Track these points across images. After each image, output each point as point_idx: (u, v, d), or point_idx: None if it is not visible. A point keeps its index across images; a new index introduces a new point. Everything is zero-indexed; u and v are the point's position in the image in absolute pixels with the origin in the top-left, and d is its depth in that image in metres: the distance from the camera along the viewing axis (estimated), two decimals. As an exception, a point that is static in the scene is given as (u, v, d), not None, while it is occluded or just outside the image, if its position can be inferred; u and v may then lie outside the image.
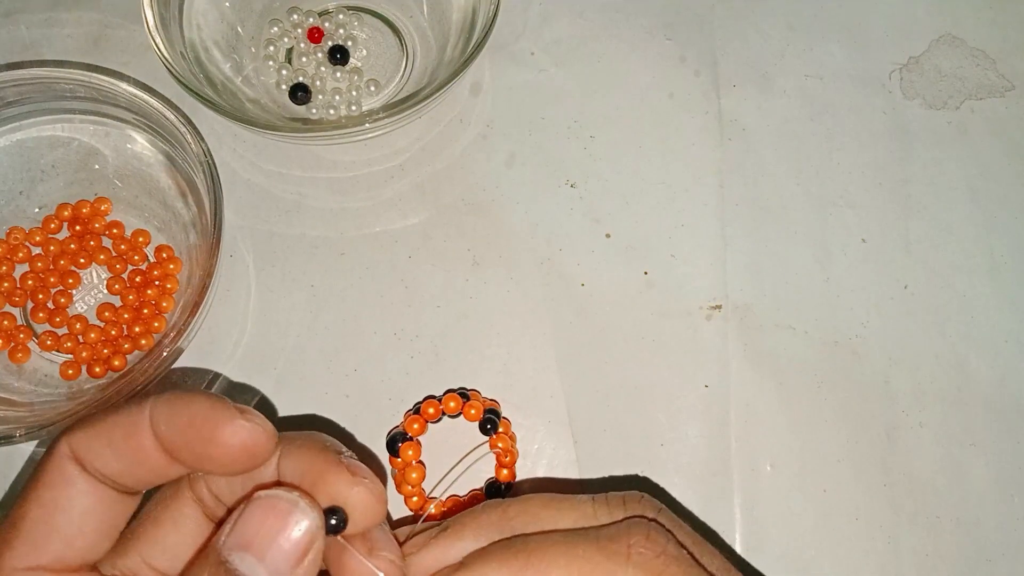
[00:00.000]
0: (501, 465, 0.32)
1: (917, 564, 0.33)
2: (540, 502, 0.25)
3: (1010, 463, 0.34)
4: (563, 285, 0.36)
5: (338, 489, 0.20)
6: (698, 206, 0.38)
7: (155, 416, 0.20)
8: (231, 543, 0.19)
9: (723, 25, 0.41)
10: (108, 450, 0.20)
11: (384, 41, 0.40)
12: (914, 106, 0.40)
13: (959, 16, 0.42)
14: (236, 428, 0.20)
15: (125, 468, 0.20)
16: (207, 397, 0.20)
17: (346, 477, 0.20)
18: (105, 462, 0.20)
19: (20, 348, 0.34)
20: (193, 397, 0.20)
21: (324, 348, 0.35)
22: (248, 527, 0.19)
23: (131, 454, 0.20)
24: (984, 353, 0.36)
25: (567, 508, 0.25)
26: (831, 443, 0.34)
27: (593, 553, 0.22)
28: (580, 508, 0.25)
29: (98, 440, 0.20)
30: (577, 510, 0.24)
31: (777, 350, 0.35)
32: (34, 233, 0.35)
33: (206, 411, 0.20)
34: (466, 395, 0.33)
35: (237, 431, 0.20)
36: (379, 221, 0.37)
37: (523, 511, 0.24)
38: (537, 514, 0.24)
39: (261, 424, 0.20)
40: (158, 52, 0.34)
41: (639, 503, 0.25)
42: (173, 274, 0.35)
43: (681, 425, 0.34)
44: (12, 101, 0.35)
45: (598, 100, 0.39)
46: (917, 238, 0.38)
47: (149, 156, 0.36)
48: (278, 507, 0.19)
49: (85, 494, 0.20)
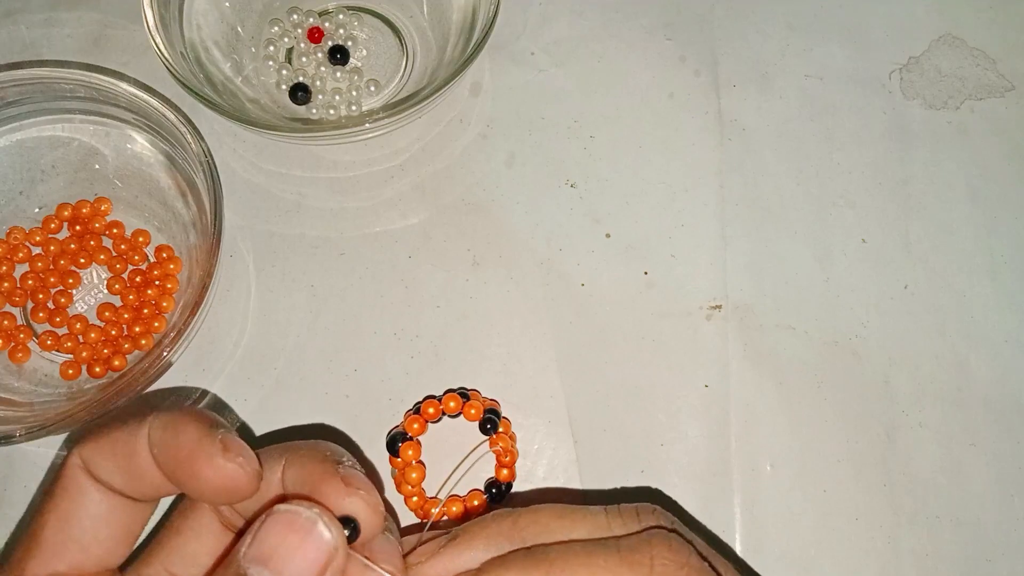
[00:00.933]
0: (501, 465, 0.32)
1: (917, 564, 0.33)
2: (552, 512, 0.24)
3: (1010, 463, 0.34)
4: (563, 285, 0.36)
5: (333, 501, 0.20)
6: (698, 206, 0.38)
7: (151, 437, 0.20)
8: (251, 555, 0.19)
9: (723, 25, 0.41)
10: (111, 463, 0.20)
11: (384, 41, 0.40)
12: (914, 106, 0.40)
13: (959, 16, 0.42)
14: (216, 468, 0.20)
15: (127, 482, 0.21)
16: (197, 427, 0.20)
17: (341, 488, 0.20)
18: (109, 475, 0.20)
19: (20, 348, 0.34)
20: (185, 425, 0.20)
21: (324, 348, 0.35)
22: (268, 541, 0.19)
23: (132, 470, 0.20)
24: (984, 353, 0.36)
25: (580, 519, 0.24)
26: (831, 443, 0.34)
27: (615, 564, 0.22)
28: (593, 519, 0.24)
29: (101, 453, 0.20)
30: (590, 521, 0.24)
31: (777, 350, 0.35)
32: (34, 233, 0.35)
33: (192, 444, 0.20)
34: (466, 395, 0.33)
35: (217, 471, 0.20)
36: (379, 221, 0.37)
37: (534, 521, 0.24)
38: (548, 524, 0.24)
39: (243, 464, 0.20)
40: (158, 52, 0.34)
41: (652, 515, 0.24)
42: (173, 274, 0.35)
43: (681, 425, 0.34)
44: (12, 101, 0.35)
45: (598, 100, 0.39)
46: (917, 238, 0.38)
47: (149, 156, 0.36)
48: (297, 522, 0.19)
49: (98, 503, 0.21)
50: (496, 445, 0.32)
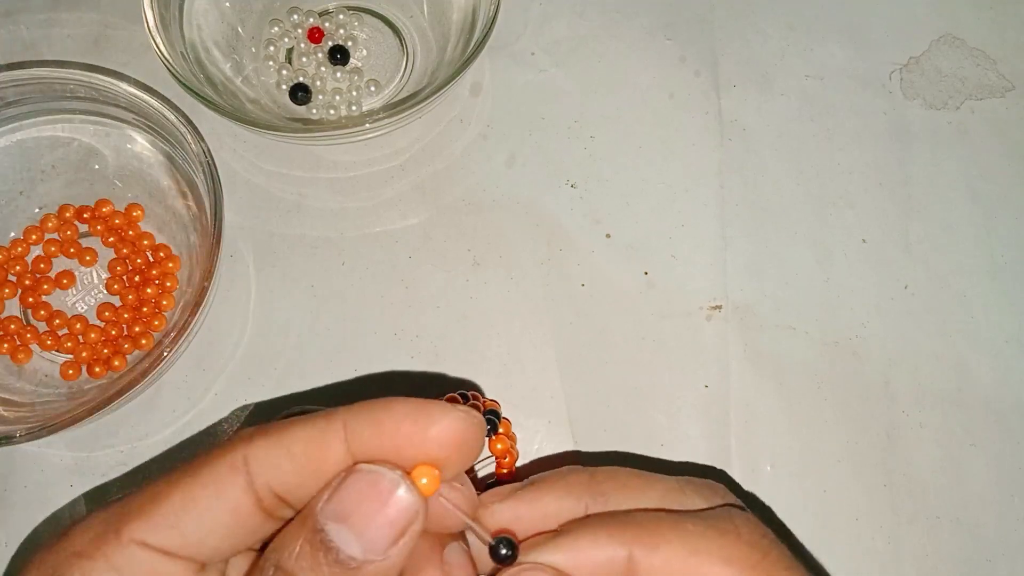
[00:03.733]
0: (501, 466, 0.32)
1: (917, 564, 0.33)
2: (628, 472, 0.24)
3: (1010, 463, 0.34)
4: (563, 285, 0.36)
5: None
6: (698, 206, 0.38)
7: (353, 425, 0.20)
8: (329, 511, 0.19)
9: (723, 25, 0.41)
10: (286, 460, 0.20)
11: (384, 41, 0.40)
12: (914, 106, 0.40)
13: (959, 16, 0.42)
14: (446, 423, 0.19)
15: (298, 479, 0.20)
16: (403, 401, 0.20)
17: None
18: (279, 473, 0.20)
19: (21, 349, 0.34)
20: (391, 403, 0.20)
21: (324, 348, 0.35)
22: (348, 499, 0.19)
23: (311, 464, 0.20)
24: (984, 353, 0.36)
25: (655, 482, 0.24)
26: (831, 443, 0.34)
27: (704, 529, 0.22)
28: (666, 485, 0.24)
29: (278, 450, 0.20)
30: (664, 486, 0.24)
31: (777, 350, 0.35)
32: (31, 232, 0.35)
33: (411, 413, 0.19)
34: (466, 396, 0.33)
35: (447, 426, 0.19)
36: (379, 221, 0.37)
37: (611, 477, 0.24)
38: (626, 483, 0.24)
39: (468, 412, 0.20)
40: (158, 52, 0.34)
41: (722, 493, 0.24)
42: (172, 272, 0.35)
43: (681, 425, 0.34)
44: (12, 101, 0.35)
45: (598, 100, 0.39)
46: (917, 238, 0.38)
47: (149, 156, 0.36)
48: (381, 484, 0.19)
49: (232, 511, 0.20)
50: (496, 447, 0.32)
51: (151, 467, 0.33)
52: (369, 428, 0.19)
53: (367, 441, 0.19)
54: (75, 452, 0.33)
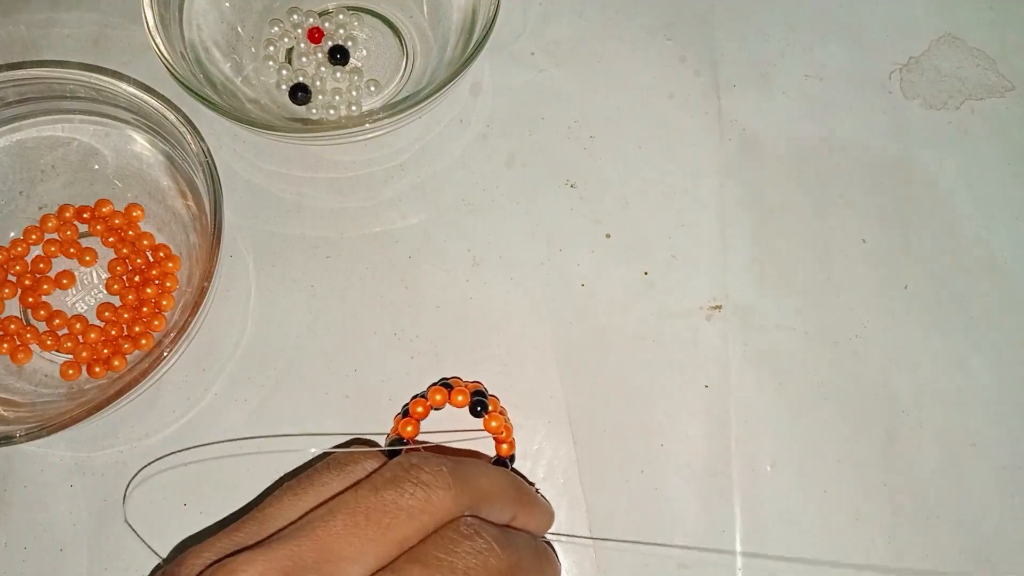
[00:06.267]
0: (499, 441, 0.32)
1: (917, 564, 0.33)
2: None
3: (1010, 463, 0.34)
4: (563, 285, 0.36)
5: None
6: (698, 206, 0.38)
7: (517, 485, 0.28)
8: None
9: (723, 25, 0.41)
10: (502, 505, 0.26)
11: (384, 41, 0.40)
12: (914, 106, 0.40)
13: (959, 16, 0.42)
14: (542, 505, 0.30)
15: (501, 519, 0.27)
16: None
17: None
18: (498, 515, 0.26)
19: (21, 349, 0.34)
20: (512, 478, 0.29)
21: (324, 348, 0.35)
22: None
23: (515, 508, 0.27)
24: (984, 353, 0.36)
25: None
26: (831, 443, 0.34)
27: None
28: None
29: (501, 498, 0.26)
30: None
31: (777, 350, 0.35)
32: (31, 232, 0.35)
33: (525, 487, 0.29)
34: (448, 384, 0.33)
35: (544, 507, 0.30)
36: (379, 221, 0.37)
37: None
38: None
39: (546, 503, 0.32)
40: (158, 52, 0.34)
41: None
42: (172, 272, 0.35)
43: (681, 425, 0.34)
44: (12, 101, 0.35)
45: (598, 100, 0.39)
46: (917, 238, 0.38)
47: (149, 156, 0.36)
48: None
49: None
50: (490, 425, 0.32)
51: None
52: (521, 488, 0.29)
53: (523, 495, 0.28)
54: (75, 452, 0.33)
